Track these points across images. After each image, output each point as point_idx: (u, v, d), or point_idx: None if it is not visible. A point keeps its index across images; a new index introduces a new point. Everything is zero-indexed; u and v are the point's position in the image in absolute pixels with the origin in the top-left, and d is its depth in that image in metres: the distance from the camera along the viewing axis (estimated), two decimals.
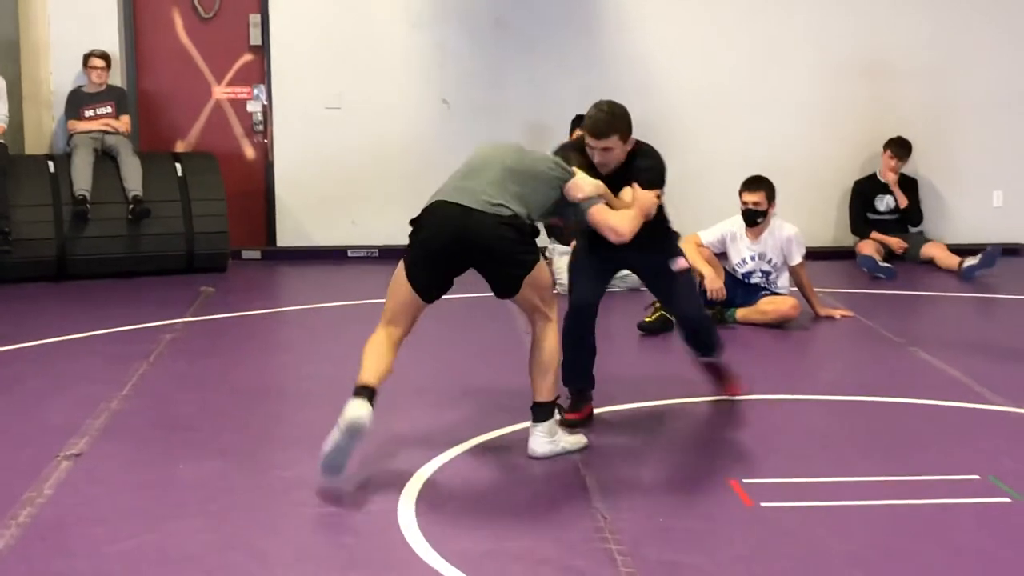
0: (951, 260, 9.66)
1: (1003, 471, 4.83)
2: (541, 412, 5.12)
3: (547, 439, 5.11)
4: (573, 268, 5.70)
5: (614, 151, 5.29)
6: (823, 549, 4.17)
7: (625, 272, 8.88)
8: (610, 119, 5.32)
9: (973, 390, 6.07)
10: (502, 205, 5.00)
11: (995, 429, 5.52)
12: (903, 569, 4.02)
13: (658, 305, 7.57)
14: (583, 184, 5.15)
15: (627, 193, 5.26)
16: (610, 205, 5.21)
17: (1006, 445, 5.23)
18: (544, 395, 5.12)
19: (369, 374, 5.00)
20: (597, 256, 5.56)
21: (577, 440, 5.19)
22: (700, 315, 5.75)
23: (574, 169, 5.22)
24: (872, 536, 4.28)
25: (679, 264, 5.56)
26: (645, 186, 5.24)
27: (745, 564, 4.02)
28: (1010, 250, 10.26)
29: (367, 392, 4.91)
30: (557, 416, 5.18)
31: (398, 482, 4.74)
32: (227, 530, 4.33)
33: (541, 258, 5.13)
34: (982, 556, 4.11)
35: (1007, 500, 4.57)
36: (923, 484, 4.76)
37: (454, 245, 5.07)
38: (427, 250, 5.16)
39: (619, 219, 5.16)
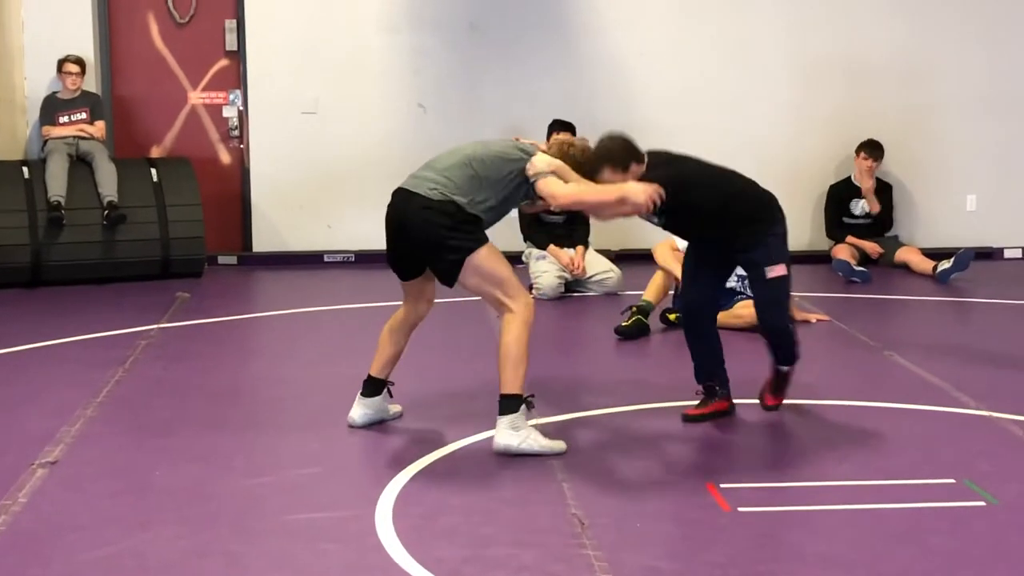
0: (925, 264, 9.72)
1: (978, 475, 4.85)
2: (504, 405, 5.16)
3: (509, 432, 5.11)
4: (684, 270, 5.82)
5: (616, 182, 5.27)
6: (801, 554, 4.19)
7: (602, 276, 8.95)
8: (592, 157, 5.34)
9: (948, 394, 6.10)
10: (437, 190, 5.16)
11: (970, 433, 5.55)
12: (880, 573, 4.03)
13: (635, 309, 7.59)
14: (537, 162, 5.23)
15: (617, 186, 5.23)
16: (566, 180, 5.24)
17: (981, 448, 5.25)
18: (506, 387, 5.15)
19: (372, 366, 5.59)
20: (704, 256, 5.64)
21: (552, 444, 5.18)
22: (782, 327, 5.53)
23: (535, 147, 5.31)
24: (849, 540, 4.29)
25: (774, 271, 5.41)
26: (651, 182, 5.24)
27: (723, 569, 4.03)
28: (984, 254, 10.33)
29: (365, 385, 5.54)
30: (524, 412, 5.16)
31: (376, 488, 4.73)
32: (204, 537, 4.32)
33: (486, 247, 5.16)
34: (957, 560, 4.12)
35: (982, 504, 4.59)
36: (899, 488, 4.78)
37: (396, 228, 5.36)
38: (386, 233, 5.48)
39: (557, 185, 5.19)
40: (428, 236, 5.18)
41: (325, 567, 4.09)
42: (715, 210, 5.41)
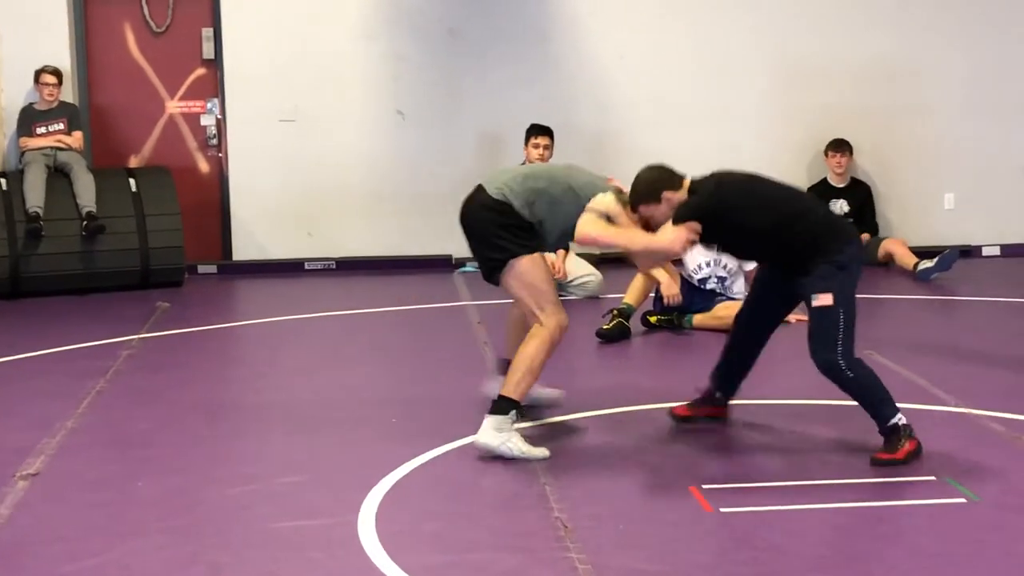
0: (909, 258, 9.75)
1: (959, 472, 4.88)
2: (495, 405, 5.21)
3: (492, 432, 5.16)
4: (752, 286, 5.76)
5: (655, 214, 5.24)
6: (783, 553, 4.20)
7: (583, 279, 8.97)
8: (632, 193, 5.28)
9: (929, 392, 6.13)
10: (501, 191, 5.28)
11: (951, 430, 5.57)
12: (862, 571, 4.05)
13: (616, 312, 7.60)
14: (595, 201, 5.22)
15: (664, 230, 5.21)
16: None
17: (962, 446, 5.28)
18: (506, 390, 5.22)
19: (507, 350, 5.67)
20: (767, 280, 5.48)
21: (533, 451, 5.18)
22: (824, 363, 5.07)
23: (609, 190, 5.26)
24: (832, 539, 4.32)
25: (819, 300, 5.06)
26: (674, 222, 5.15)
27: (706, 570, 4.05)
28: (962, 252, 10.36)
29: (500, 365, 5.68)
30: (512, 417, 5.18)
31: (360, 495, 4.73)
32: (189, 547, 4.31)
33: (531, 256, 5.25)
34: (939, 557, 4.15)
35: (963, 501, 4.62)
36: (881, 486, 4.80)
37: (461, 220, 5.47)
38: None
39: (585, 224, 5.19)
40: (480, 230, 5.36)
41: (309, 574, 4.09)
42: (764, 233, 5.17)
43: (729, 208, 5.16)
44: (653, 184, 5.25)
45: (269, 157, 10.41)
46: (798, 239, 5.14)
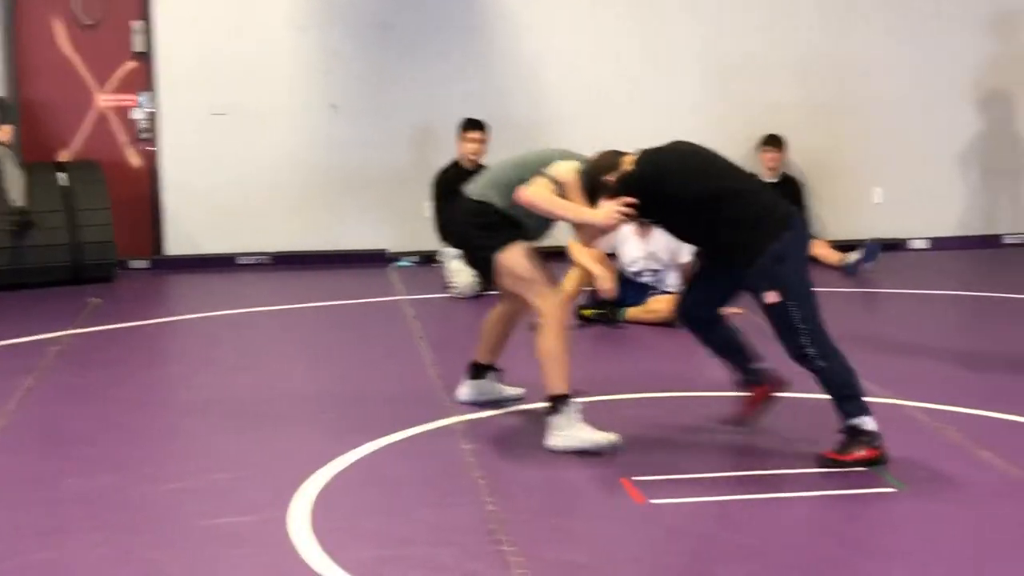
0: (832, 256, 9.89)
1: (888, 462, 4.96)
2: (549, 407, 5.25)
3: (555, 434, 5.20)
4: (689, 277, 5.63)
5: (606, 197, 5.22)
6: (714, 544, 4.26)
7: None
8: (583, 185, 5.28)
9: None
10: (480, 189, 5.37)
11: (879, 421, 5.60)
12: (793, 561, 4.11)
13: None
14: (552, 169, 5.23)
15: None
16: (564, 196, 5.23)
17: (890, 436, 5.33)
18: (549, 388, 5.26)
19: (477, 352, 5.84)
20: (707, 267, 5.34)
21: (599, 438, 5.16)
22: (796, 353, 4.97)
23: (562, 167, 5.25)
24: (761, 529, 4.37)
25: (767, 298, 4.93)
26: (612, 196, 5.11)
27: (637, 561, 4.09)
28: (890, 245, 10.52)
29: (470, 369, 5.80)
30: (568, 412, 5.19)
31: (292, 491, 4.72)
32: (121, 545, 4.29)
33: (512, 249, 5.29)
34: (868, 546, 4.22)
35: (892, 490, 4.70)
36: (811, 476, 4.87)
37: (448, 237, 5.50)
38: None
39: (528, 187, 5.18)
40: (461, 232, 5.47)
41: (244, 571, 4.08)
42: (697, 205, 4.99)
43: (661, 175, 5.06)
44: (589, 175, 5.25)
45: (201, 151, 10.34)
46: (731, 219, 4.96)
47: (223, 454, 5.28)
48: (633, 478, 4.84)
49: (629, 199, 5.02)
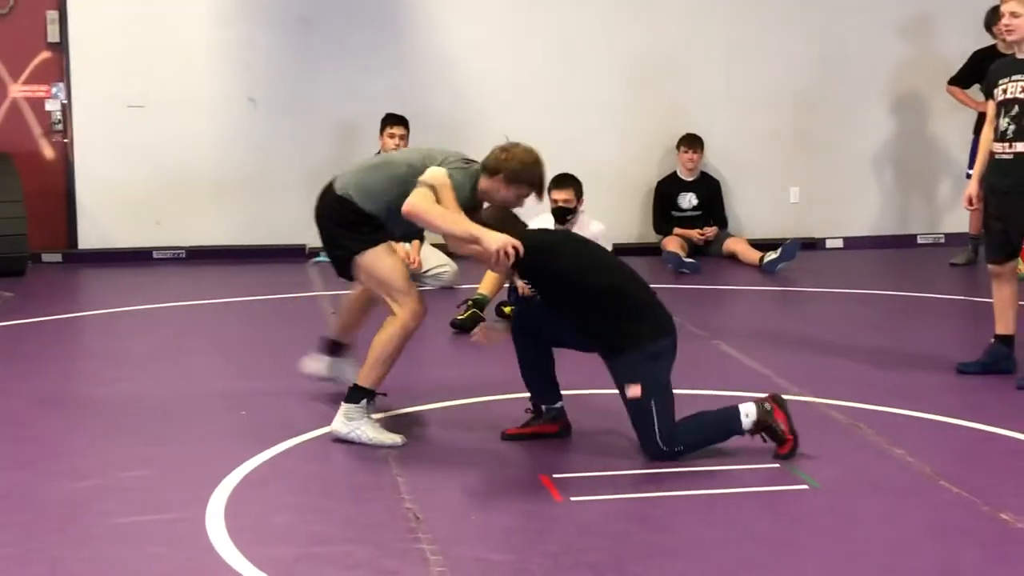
0: (752, 255, 9.98)
1: (800, 459, 5.00)
2: (349, 393, 5.26)
3: (342, 419, 5.23)
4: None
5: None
6: (631, 541, 4.27)
7: (438, 270, 8.97)
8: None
9: (772, 380, 6.28)
10: (344, 187, 5.29)
11: (793, 419, 5.70)
12: (707, 557, 4.14)
13: (470, 302, 7.63)
14: (426, 175, 5.13)
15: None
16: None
17: (804, 434, 5.38)
18: (360, 379, 5.27)
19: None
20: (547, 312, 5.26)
21: (384, 437, 5.21)
22: (655, 454, 4.99)
23: (434, 172, 5.14)
24: (678, 526, 4.40)
25: (630, 391, 4.98)
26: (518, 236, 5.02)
27: (555, 559, 4.09)
28: (807, 244, 10.63)
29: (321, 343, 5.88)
30: (363, 406, 5.22)
31: (207, 490, 4.67)
32: (29, 544, 4.21)
33: (375, 250, 5.24)
34: (777, 542, 4.26)
35: (804, 487, 4.75)
36: (725, 474, 4.90)
37: (315, 216, 5.46)
38: None
39: (415, 198, 5.06)
40: (325, 229, 5.40)
41: (155, 571, 4.02)
42: (588, 293, 5.04)
43: (556, 251, 5.10)
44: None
45: (117, 143, 10.19)
46: (615, 313, 5.03)
47: (134, 452, 5.19)
48: (553, 476, 4.85)
49: (520, 246, 4.94)
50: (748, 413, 5.06)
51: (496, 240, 4.94)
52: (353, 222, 5.27)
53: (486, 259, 5.02)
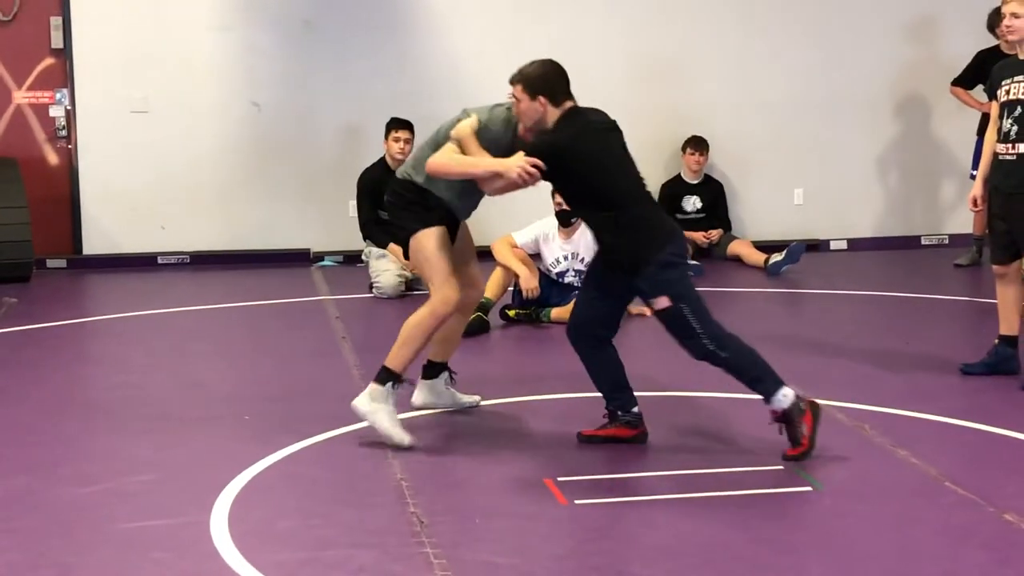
0: (757, 257, 9.97)
1: (805, 461, 5.00)
2: (379, 373, 5.29)
3: (366, 398, 5.26)
4: (582, 284, 5.54)
5: (521, 104, 5.26)
6: (636, 543, 4.28)
7: None
8: (521, 69, 5.39)
9: None
10: (404, 170, 5.41)
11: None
12: (710, 560, 4.13)
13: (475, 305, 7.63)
14: (454, 129, 5.23)
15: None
16: (465, 151, 5.20)
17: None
18: (388, 360, 5.30)
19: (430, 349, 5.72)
20: (599, 275, 5.29)
21: (395, 433, 5.20)
22: (697, 350, 5.04)
23: (460, 124, 5.25)
24: (682, 529, 4.39)
25: (657, 304, 5.02)
26: (527, 152, 5.10)
27: (560, 562, 4.09)
28: (811, 246, 10.63)
29: (424, 369, 5.79)
30: (388, 389, 5.23)
31: (211, 493, 4.67)
32: (35, 549, 4.22)
33: (428, 231, 5.27)
34: (782, 544, 4.26)
35: (809, 489, 4.75)
36: (731, 476, 4.90)
37: None
38: None
39: (435, 157, 5.21)
40: (390, 210, 5.50)
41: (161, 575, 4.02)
42: (594, 200, 5.13)
43: (577, 156, 5.12)
44: (539, 80, 5.33)
45: (121, 149, 10.20)
46: (621, 224, 5.08)
47: (141, 457, 5.20)
48: (557, 479, 4.84)
49: (539, 162, 5.03)
50: (786, 395, 5.01)
51: (512, 166, 5.02)
52: (412, 201, 5.34)
53: (515, 185, 5.08)
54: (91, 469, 5.05)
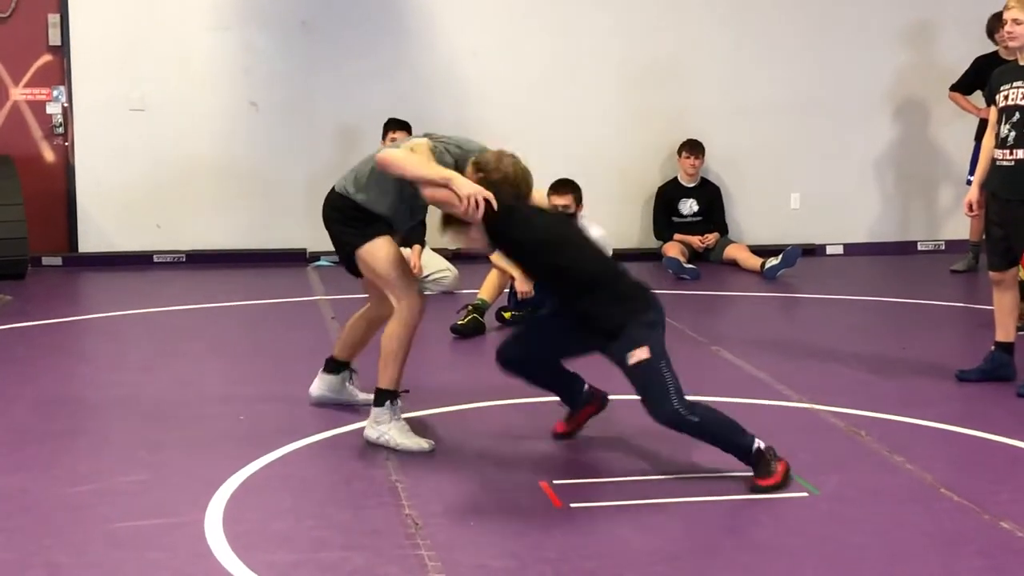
0: (753, 261, 9.97)
1: (801, 466, 4.99)
2: (376, 398, 5.29)
3: (372, 424, 5.27)
4: (527, 323, 5.47)
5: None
6: (630, 548, 4.26)
7: (438, 275, 8.96)
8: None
9: (773, 387, 6.28)
10: (343, 183, 5.37)
11: (793, 425, 5.71)
12: (706, 565, 4.13)
13: (471, 307, 7.62)
14: (409, 141, 5.26)
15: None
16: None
17: (804, 441, 5.41)
18: (379, 382, 5.30)
19: (335, 346, 5.89)
20: (568, 325, 5.07)
21: (412, 443, 5.20)
22: (669, 415, 4.77)
23: (415, 139, 5.30)
24: (676, 533, 4.39)
25: (635, 356, 4.79)
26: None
27: (554, 565, 4.08)
28: (808, 250, 10.62)
29: (327, 363, 5.83)
30: (388, 408, 5.24)
31: (206, 494, 4.66)
32: (27, 547, 4.20)
33: (373, 243, 5.25)
34: (778, 550, 4.25)
35: (804, 494, 4.74)
36: (725, 480, 4.89)
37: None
38: None
39: (390, 151, 5.19)
40: (329, 229, 5.44)
41: (154, 575, 4.01)
42: (555, 265, 4.96)
43: (525, 222, 4.96)
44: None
45: (117, 147, 10.18)
46: (607, 292, 4.93)
47: (133, 456, 5.18)
48: (552, 482, 4.84)
49: (490, 196, 4.86)
50: (760, 447, 4.85)
51: (468, 186, 4.87)
52: (353, 217, 5.30)
53: (457, 206, 4.87)
54: (84, 468, 5.04)
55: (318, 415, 5.66)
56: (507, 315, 7.86)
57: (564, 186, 7.85)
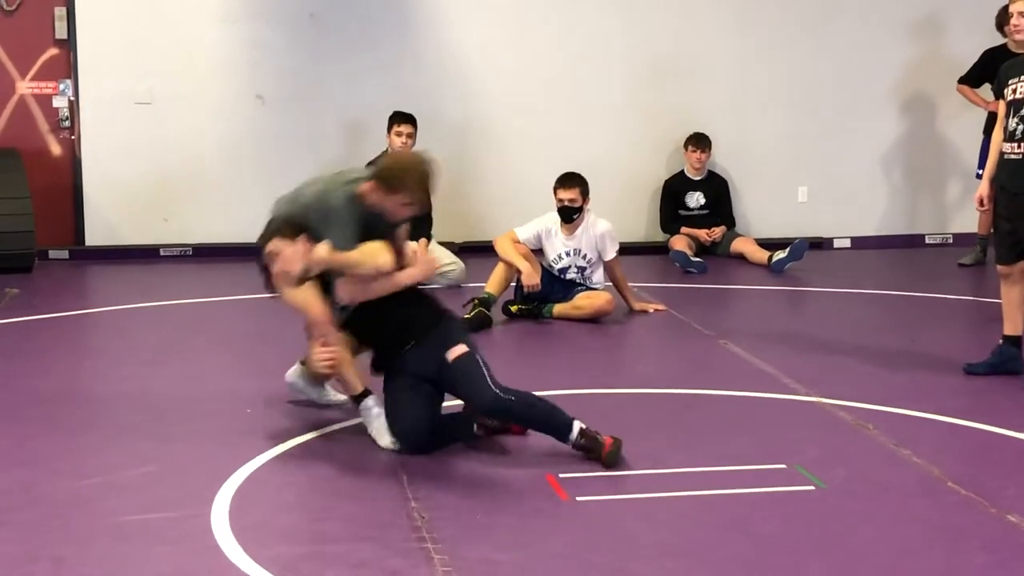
0: (760, 254, 9.95)
1: (808, 460, 4.99)
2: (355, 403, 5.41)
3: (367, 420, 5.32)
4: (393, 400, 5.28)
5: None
6: (636, 541, 4.25)
7: (445, 268, 8.95)
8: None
9: (780, 381, 6.26)
10: (290, 208, 5.59)
11: (801, 419, 5.70)
12: (712, 558, 4.12)
13: (477, 301, 7.62)
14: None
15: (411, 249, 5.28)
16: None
17: (811, 434, 5.41)
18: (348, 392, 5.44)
19: None
20: (409, 380, 5.18)
21: (385, 441, 5.18)
22: (494, 401, 4.95)
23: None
24: (683, 527, 4.38)
25: (455, 352, 5.07)
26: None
27: (561, 559, 4.08)
28: (815, 244, 10.61)
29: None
30: (362, 407, 5.28)
31: (213, 487, 4.66)
32: (32, 541, 4.20)
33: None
34: (784, 545, 4.24)
35: (811, 488, 4.73)
36: (732, 474, 4.88)
37: None
38: None
39: (344, 288, 5.25)
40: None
41: (159, 570, 4.01)
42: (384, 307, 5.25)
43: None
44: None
45: (124, 140, 10.18)
46: (405, 301, 5.24)
47: (141, 450, 5.18)
48: (559, 475, 4.83)
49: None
50: (583, 427, 4.98)
51: (319, 324, 5.22)
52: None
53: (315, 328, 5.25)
54: (90, 461, 5.04)
55: (324, 409, 5.65)
56: (514, 308, 7.86)
57: (570, 180, 7.85)
